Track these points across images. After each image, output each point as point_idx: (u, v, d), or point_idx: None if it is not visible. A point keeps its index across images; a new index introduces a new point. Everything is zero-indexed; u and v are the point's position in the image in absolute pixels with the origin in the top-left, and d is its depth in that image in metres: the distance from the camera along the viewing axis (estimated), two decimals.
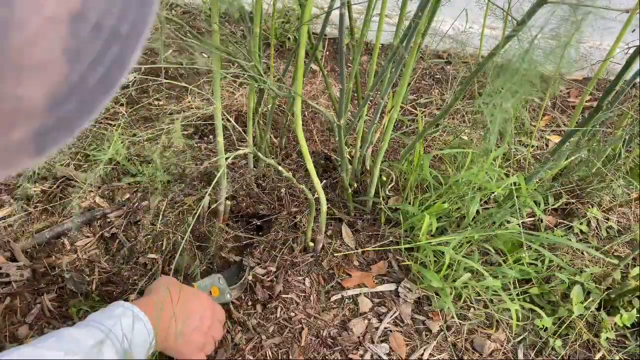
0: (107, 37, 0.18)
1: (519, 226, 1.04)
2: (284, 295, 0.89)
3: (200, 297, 0.78)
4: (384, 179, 1.08)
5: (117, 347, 0.61)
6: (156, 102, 1.30)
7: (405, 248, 0.96)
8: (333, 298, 0.91)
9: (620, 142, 1.03)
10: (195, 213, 0.98)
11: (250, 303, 0.89)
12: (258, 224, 1.04)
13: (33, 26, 0.16)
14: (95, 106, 0.20)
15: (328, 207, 0.99)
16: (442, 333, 0.88)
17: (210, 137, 1.22)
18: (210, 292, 0.85)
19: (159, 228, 0.97)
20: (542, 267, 0.96)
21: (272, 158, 1.14)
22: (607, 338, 0.89)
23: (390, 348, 0.85)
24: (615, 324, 0.90)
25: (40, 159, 0.20)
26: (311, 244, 0.96)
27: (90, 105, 0.20)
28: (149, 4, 0.20)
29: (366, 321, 0.88)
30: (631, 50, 0.72)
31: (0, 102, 0.17)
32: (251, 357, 0.81)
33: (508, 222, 1.00)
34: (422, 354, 0.85)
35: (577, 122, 1.13)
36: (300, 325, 0.86)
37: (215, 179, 0.70)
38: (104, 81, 0.19)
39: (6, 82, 0.16)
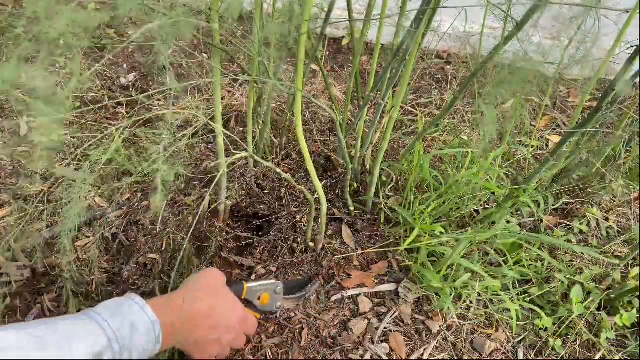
0: None
1: (519, 227, 1.04)
2: None
3: (234, 308, 0.74)
4: (384, 179, 1.08)
5: (115, 350, 0.58)
6: (157, 103, 1.30)
7: (405, 248, 0.96)
8: (333, 298, 0.91)
9: (620, 142, 1.04)
10: (196, 213, 0.98)
11: None
12: (258, 224, 1.04)
13: None
14: None
15: (328, 207, 0.99)
16: (442, 333, 0.88)
17: (210, 136, 1.22)
18: (259, 297, 0.81)
19: (159, 228, 0.97)
20: (542, 268, 0.96)
21: (272, 158, 1.14)
22: (607, 338, 0.89)
23: (390, 348, 0.85)
24: (615, 324, 0.90)
25: None
26: (311, 244, 0.96)
27: None
28: None
29: (366, 321, 0.88)
30: (631, 50, 0.72)
31: None
32: (251, 357, 0.81)
33: (508, 222, 1.00)
34: (422, 354, 0.85)
35: (577, 122, 1.13)
36: (300, 325, 0.86)
37: (216, 180, 0.70)
38: None
39: None
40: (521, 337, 0.89)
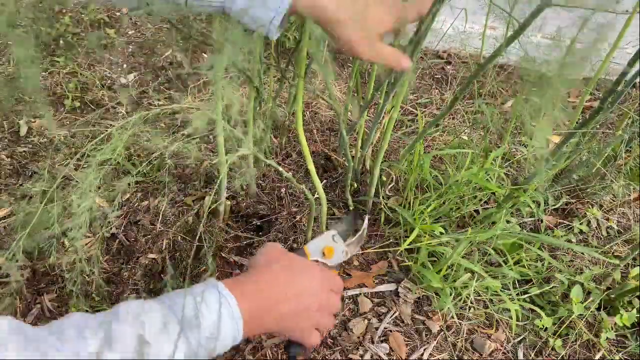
0: None
1: (519, 227, 1.04)
2: None
3: (310, 270, 0.66)
4: (384, 179, 1.08)
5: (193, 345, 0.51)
6: (157, 103, 1.30)
7: (405, 248, 0.96)
8: None
9: (620, 142, 1.04)
10: (196, 213, 0.98)
11: None
12: (258, 224, 1.04)
13: None
14: None
15: (328, 207, 0.99)
16: (442, 333, 0.88)
17: (210, 136, 1.22)
18: (324, 253, 0.73)
19: (159, 228, 0.97)
20: (542, 268, 0.96)
21: (272, 158, 1.14)
22: (607, 338, 0.89)
23: (390, 348, 0.85)
24: (615, 324, 0.90)
25: None
26: None
27: None
28: None
29: (366, 321, 0.88)
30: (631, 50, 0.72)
31: None
32: (251, 357, 0.81)
33: (508, 222, 1.01)
34: (422, 354, 0.85)
35: (577, 122, 1.13)
36: None
37: (218, 180, 0.70)
38: None
39: None
40: (521, 337, 0.89)
